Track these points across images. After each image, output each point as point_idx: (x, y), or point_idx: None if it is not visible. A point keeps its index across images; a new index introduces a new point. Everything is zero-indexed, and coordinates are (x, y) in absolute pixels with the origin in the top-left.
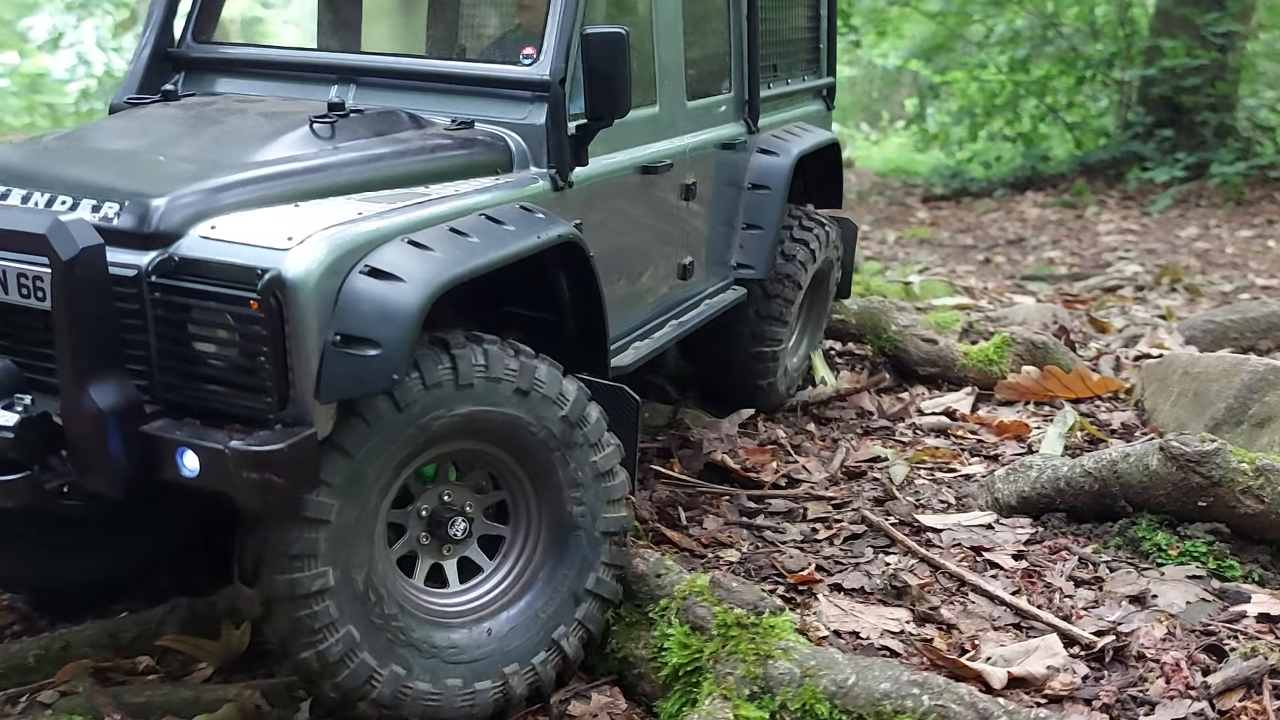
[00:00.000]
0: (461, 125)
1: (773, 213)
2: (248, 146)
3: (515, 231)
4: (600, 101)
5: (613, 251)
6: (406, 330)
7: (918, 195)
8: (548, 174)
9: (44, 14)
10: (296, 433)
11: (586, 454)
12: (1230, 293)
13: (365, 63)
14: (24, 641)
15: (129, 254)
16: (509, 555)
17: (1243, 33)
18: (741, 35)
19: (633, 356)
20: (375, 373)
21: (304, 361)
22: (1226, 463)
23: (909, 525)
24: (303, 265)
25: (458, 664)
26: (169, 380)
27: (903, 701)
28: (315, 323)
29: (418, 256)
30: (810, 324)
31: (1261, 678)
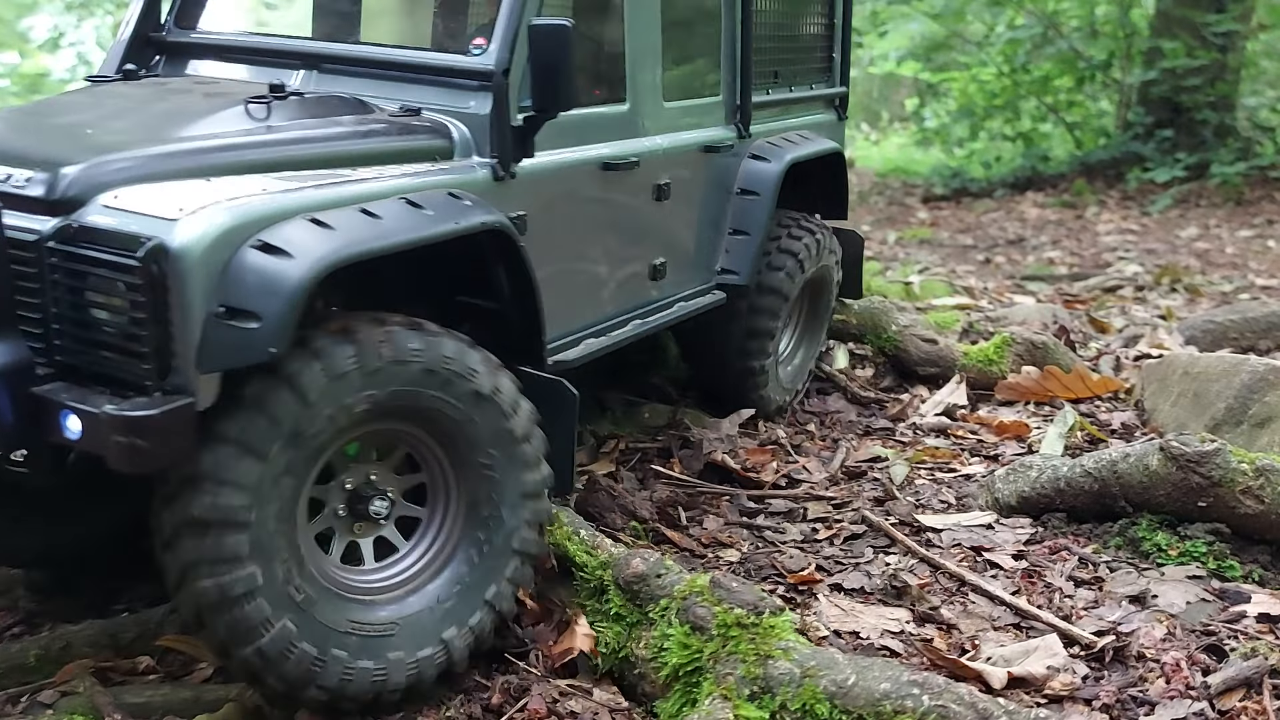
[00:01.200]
0: (407, 112)
1: (760, 219)
2: (178, 123)
3: (433, 216)
4: (544, 93)
5: (564, 244)
6: (288, 304)
7: (918, 195)
8: (489, 164)
9: (44, 14)
10: (171, 401)
11: (500, 421)
12: (1230, 293)
13: (325, 49)
14: (24, 641)
15: (34, 220)
16: (428, 530)
17: (1243, 33)
18: (734, 40)
19: (581, 352)
20: (254, 345)
21: (187, 331)
22: (1226, 463)
23: (909, 525)
24: (188, 235)
25: (396, 637)
26: (64, 344)
27: (903, 701)
28: (199, 293)
29: (315, 234)
30: (809, 333)
31: (1261, 678)
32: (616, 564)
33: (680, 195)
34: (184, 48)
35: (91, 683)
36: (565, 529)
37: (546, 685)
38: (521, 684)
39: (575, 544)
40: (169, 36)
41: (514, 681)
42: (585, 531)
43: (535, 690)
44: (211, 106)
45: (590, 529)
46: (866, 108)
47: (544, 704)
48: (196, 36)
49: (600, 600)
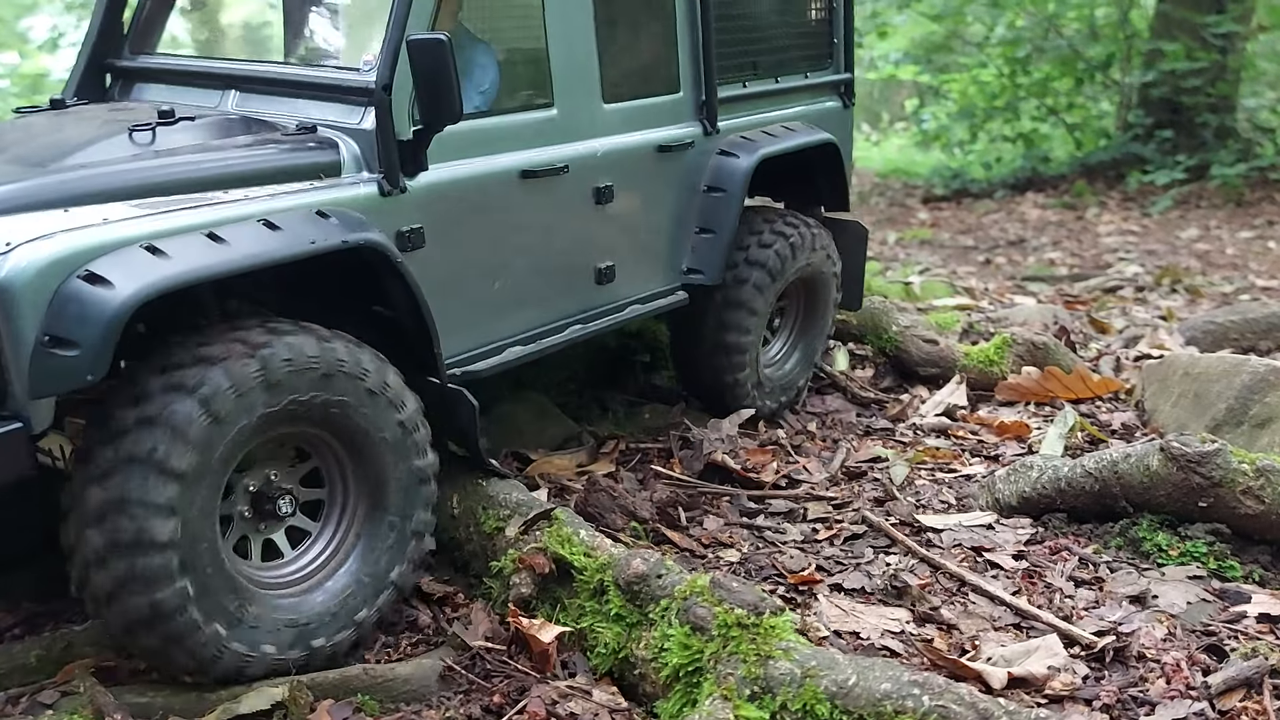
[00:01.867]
0: (303, 130)
1: (728, 217)
2: (60, 153)
3: (286, 237)
4: (428, 107)
5: (476, 255)
6: (103, 332)
7: (918, 196)
8: (375, 179)
9: (43, 14)
10: (4, 424)
11: (391, 414)
12: (1230, 294)
13: (242, 70)
14: (26, 641)
15: None
16: (331, 515)
17: (1243, 34)
18: (694, 35)
19: (497, 361)
20: (73, 372)
21: (19, 360)
22: (1227, 463)
23: (909, 525)
24: (15, 268)
25: (317, 625)
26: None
27: (903, 702)
28: (28, 324)
29: (144, 262)
30: (804, 334)
31: (1262, 678)
32: (617, 564)
33: (629, 197)
34: (133, 73)
35: (92, 683)
36: (564, 530)
37: (546, 686)
38: (521, 685)
39: (570, 547)
40: (120, 61)
41: (513, 683)
42: (585, 532)
43: (535, 691)
44: (100, 134)
45: (590, 529)
46: (867, 109)
47: (543, 705)
48: (143, 61)
49: (600, 601)
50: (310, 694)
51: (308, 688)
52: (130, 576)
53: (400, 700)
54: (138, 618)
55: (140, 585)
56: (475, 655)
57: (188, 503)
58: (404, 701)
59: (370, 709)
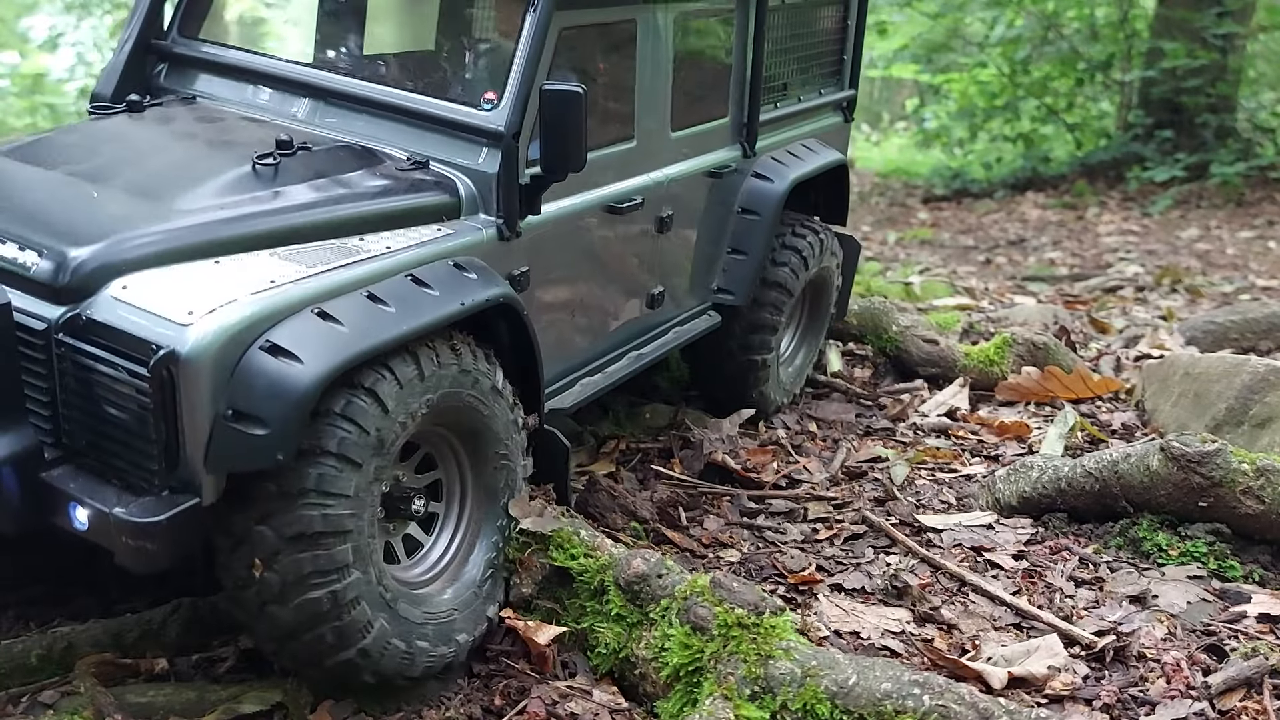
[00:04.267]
0: (415, 164)
1: (759, 240)
2: (185, 186)
3: (438, 298)
4: (553, 156)
5: (566, 291)
6: (295, 411)
7: (918, 196)
8: (495, 223)
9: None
10: (178, 502)
11: (508, 413)
12: (1231, 293)
13: (332, 84)
14: (26, 641)
15: (43, 305)
16: (447, 522)
17: (1243, 34)
18: (745, 60)
19: (575, 397)
20: (261, 451)
21: (195, 431)
22: (1227, 463)
23: (910, 525)
24: (198, 342)
25: (452, 621)
26: (73, 430)
27: (904, 701)
28: (208, 396)
29: (322, 332)
30: (809, 333)
31: (1262, 678)
32: (617, 564)
33: (682, 223)
34: (189, 60)
35: (92, 683)
36: (565, 530)
37: (546, 687)
38: (521, 685)
39: (563, 552)
40: (174, 47)
41: (514, 683)
42: (585, 532)
43: (535, 692)
44: (218, 162)
45: (590, 529)
46: (867, 109)
47: (543, 706)
48: (202, 51)
49: (601, 601)
50: (310, 694)
51: (307, 688)
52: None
53: (400, 700)
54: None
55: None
56: (475, 656)
57: (364, 494)
58: (404, 701)
59: (370, 709)
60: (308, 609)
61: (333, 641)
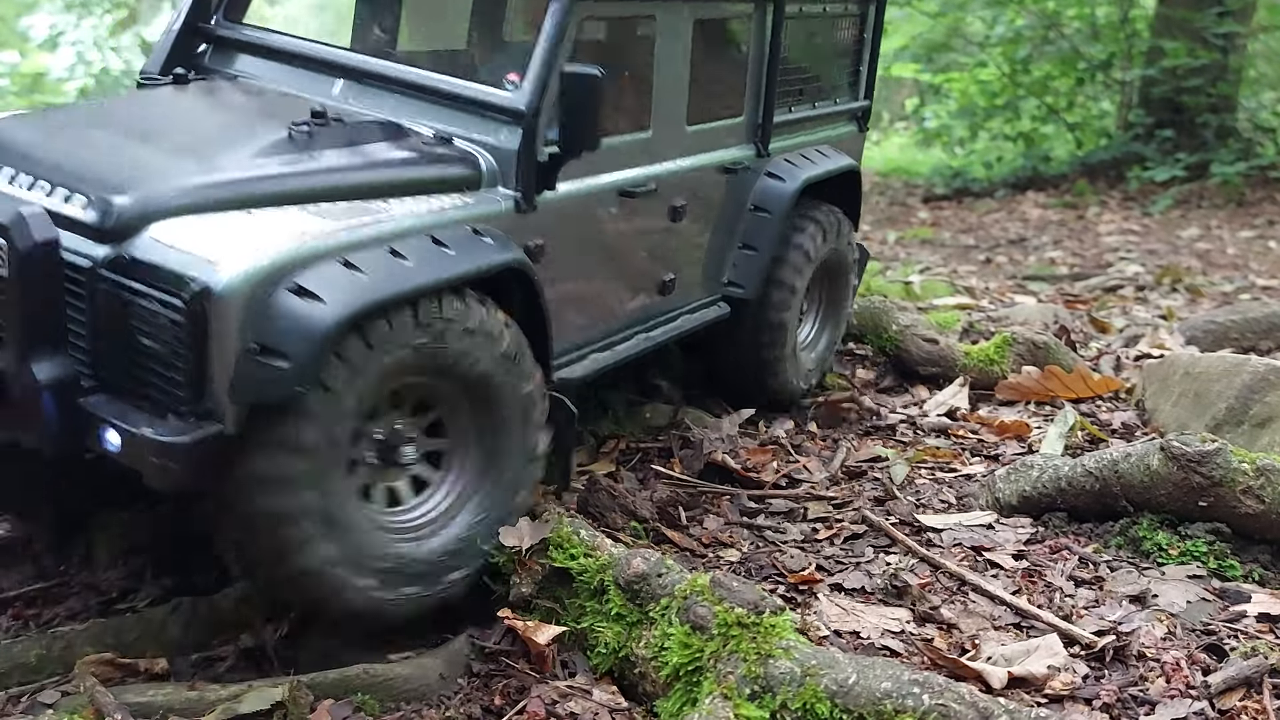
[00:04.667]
0: (440, 140)
1: (770, 236)
2: (224, 147)
3: (456, 257)
4: (570, 137)
5: (579, 268)
6: (317, 348)
7: (919, 195)
8: (513, 196)
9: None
10: (203, 428)
11: (521, 382)
12: (1231, 293)
13: (365, 65)
14: (26, 641)
15: (88, 244)
16: (452, 463)
17: (1243, 33)
18: (761, 63)
19: (586, 369)
20: (282, 383)
21: (223, 364)
22: (1227, 463)
23: (909, 525)
24: (230, 278)
25: (441, 563)
26: (108, 361)
27: (903, 701)
28: (236, 331)
29: (345, 278)
30: (829, 319)
31: (1261, 677)
32: (617, 564)
33: (695, 214)
34: (231, 43)
35: (92, 682)
36: (564, 529)
37: (546, 686)
38: (521, 685)
39: (563, 552)
40: (218, 29)
41: (514, 683)
42: (585, 531)
43: (535, 692)
44: (256, 128)
45: (590, 529)
46: None
47: (543, 705)
48: (244, 34)
49: (601, 600)
50: (310, 693)
51: (307, 687)
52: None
53: (400, 700)
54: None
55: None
56: (476, 655)
57: (337, 422)
58: (404, 701)
59: (370, 709)
60: (255, 523)
61: (271, 552)
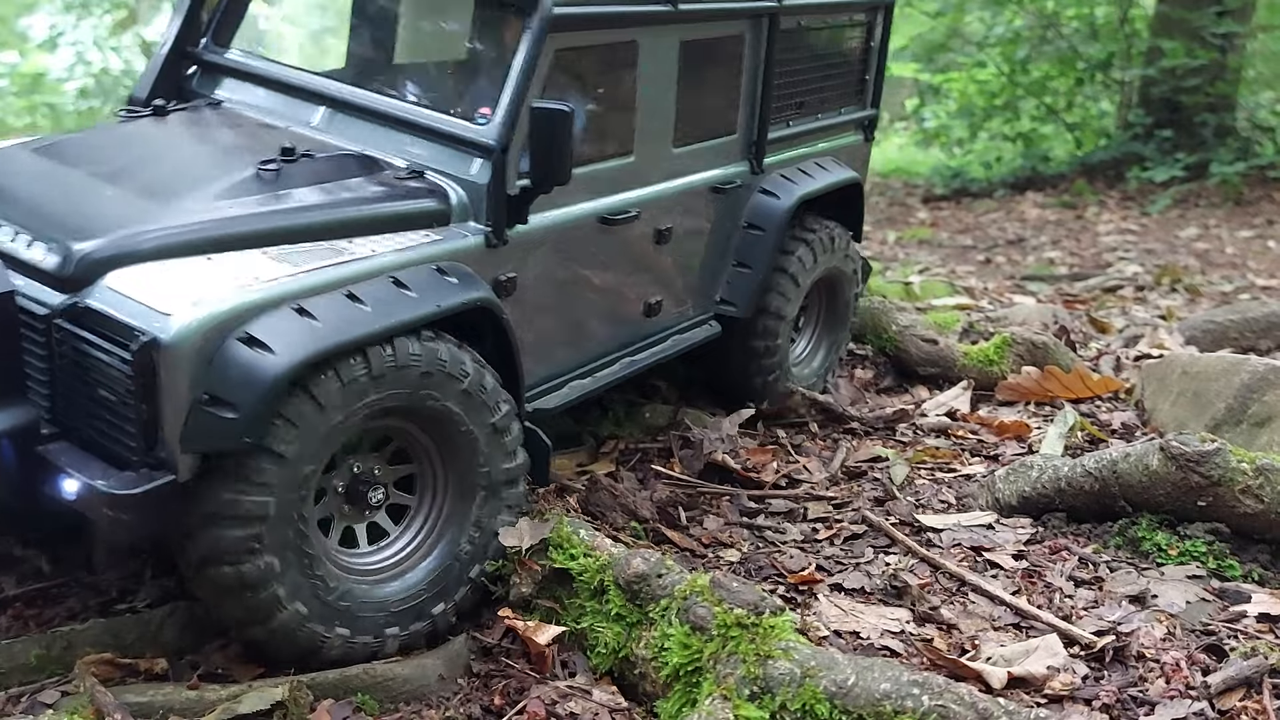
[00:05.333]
0: (412, 174)
1: (764, 255)
2: (190, 187)
3: (416, 299)
4: (541, 172)
5: (556, 298)
6: (264, 398)
7: (918, 195)
8: (483, 231)
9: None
10: (155, 478)
11: (485, 415)
12: (1230, 293)
13: (344, 95)
14: (26, 640)
15: (46, 292)
16: (416, 517)
17: (1242, 33)
18: (755, 80)
19: (562, 399)
20: (230, 432)
21: (174, 414)
22: (1226, 462)
23: (909, 525)
24: (179, 330)
25: (393, 614)
26: (67, 408)
27: (903, 701)
28: (186, 382)
29: (297, 326)
30: (827, 331)
31: (1261, 677)
32: (617, 564)
33: (683, 235)
34: (218, 67)
35: (93, 682)
36: (564, 529)
37: (546, 687)
38: (521, 685)
39: (563, 553)
40: (204, 54)
41: (514, 683)
42: (585, 532)
43: (534, 692)
44: (225, 165)
45: (590, 529)
46: None
47: (543, 705)
48: (230, 59)
49: (600, 600)
50: (310, 694)
51: (308, 687)
52: (220, 548)
53: (400, 700)
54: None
55: (229, 555)
56: (475, 655)
57: (288, 484)
58: (404, 701)
59: (370, 709)
60: (220, 582)
61: (242, 616)
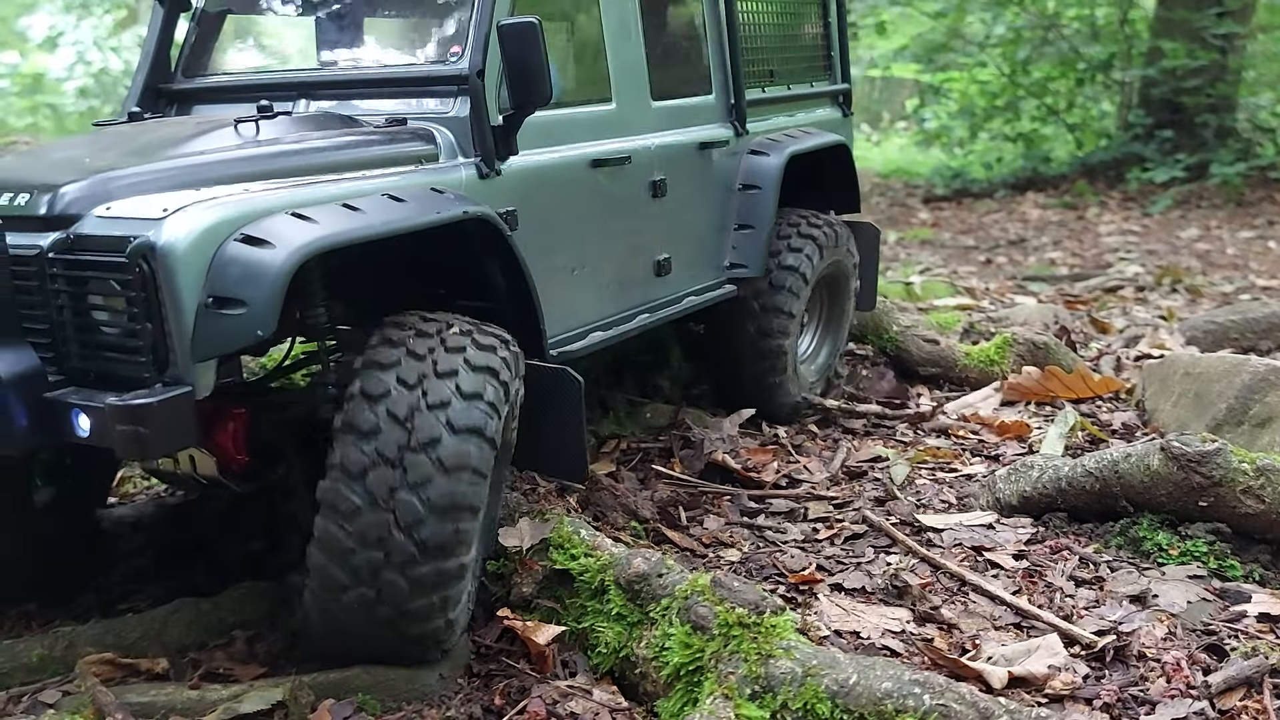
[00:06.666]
0: (393, 123)
1: (764, 212)
2: (170, 145)
3: (413, 208)
4: (519, 89)
5: (561, 240)
6: (271, 289)
7: (919, 196)
8: (473, 163)
9: (43, 13)
10: (169, 390)
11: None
12: (1231, 293)
13: (313, 76)
14: (27, 640)
15: (33, 237)
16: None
17: (1242, 34)
18: (720, 41)
19: (585, 345)
20: (242, 330)
21: (180, 323)
22: (1227, 463)
23: (910, 525)
24: (173, 232)
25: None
26: (70, 350)
27: (904, 701)
28: (188, 286)
29: (296, 225)
30: (830, 331)
31: (1262, 677)
32: (618, 564)
33: (679, 192)
34: (189, 94)
35: (93, 682)
36: (565, 529)
37: (546, 686)
38: (521, 685)
39: (563, 553)
40: (175, 85)
41: (514, 683)
42: (586, 531)
43: (535, 692)
44: (203, 130)
45: (591, 529)
46: (867, 109)
47: (544, 705)
48: (204, 82)
49: (601, 600)
50: (311, 693)
51: (308, 687)
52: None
53: (401, 700)
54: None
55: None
56: (476, 656)
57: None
58: (405, 701)
59: (371, 708)
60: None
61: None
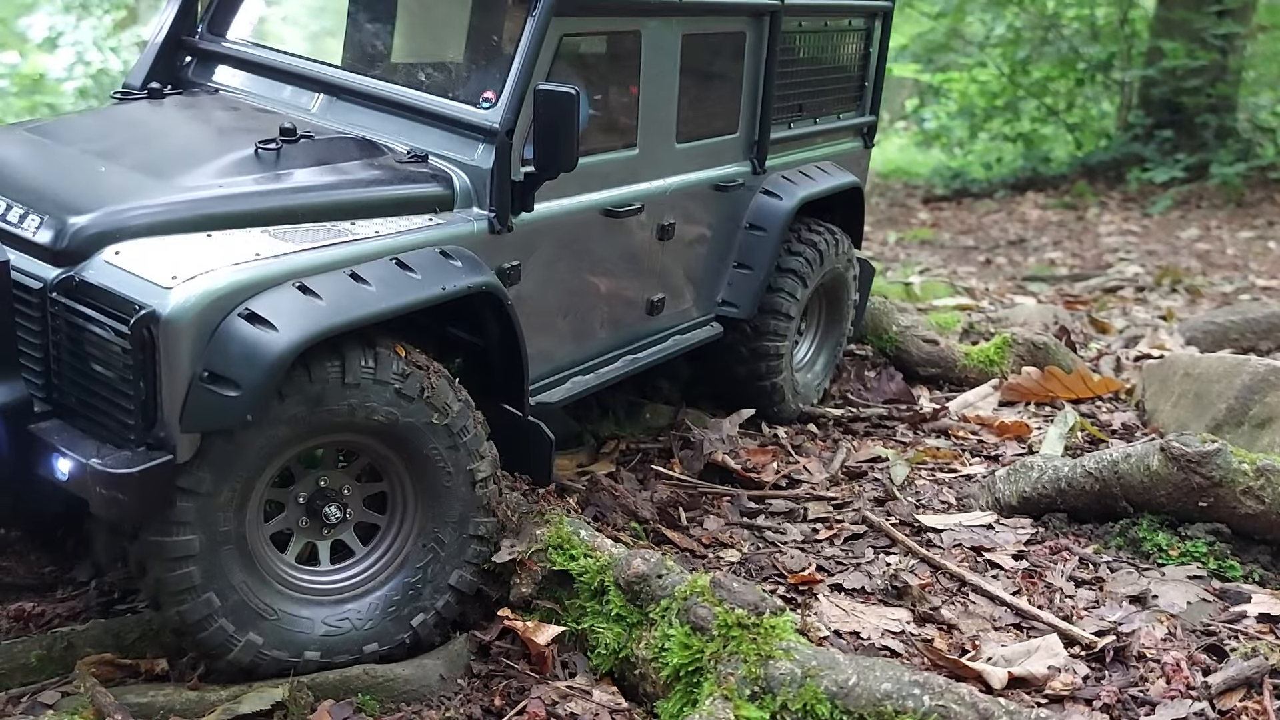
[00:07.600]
0: (414, 158)
1: (765, 255)
2: (189, 165)
3: (420, 281)
4: (546, 155)
5: (559, 290)
6: (267, 376)
7: (919, 196)
8: (487, 216)
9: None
10: (152, 458)
11: (464, 460)
12: (1231, 294)
13: (342, 80)
14: (26, 641)
15: (40, 266)
16: (389, 532)
17: (1243, 34)
18: (756, 79)
19: (564, 394)
20: (232, 411)
21: (173, 391)
22: (1227, 463)
23: (910, 525)
24: (178, 305)
25: (331, 638)
26: (60, 385)
27: (904, 701)
28: (186, 358)
29: (300, 304)
30: (829, 337)
31: (1262, 678)
32: (617, 564)
33: (685, 232)
34: (214, 55)
35: (93, 682)
36: (564, 530)
37: (546, 687)
38: (521, 685)
39: (563, 553)
40: (200, 42)
41: (514, 683)
42: (585, 532)
43: (535, 692)
44: (223, 145)
45: (590, 529)
46: None
47: (543, 706)
48: (226, 46)
49: (601, 601)
50: (310, 694)
51: (308, 688)
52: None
53: (400, 700)
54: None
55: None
56: (476, 656)
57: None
58: (404, 701)
59: (370, 709)
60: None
61: (178, 624)
